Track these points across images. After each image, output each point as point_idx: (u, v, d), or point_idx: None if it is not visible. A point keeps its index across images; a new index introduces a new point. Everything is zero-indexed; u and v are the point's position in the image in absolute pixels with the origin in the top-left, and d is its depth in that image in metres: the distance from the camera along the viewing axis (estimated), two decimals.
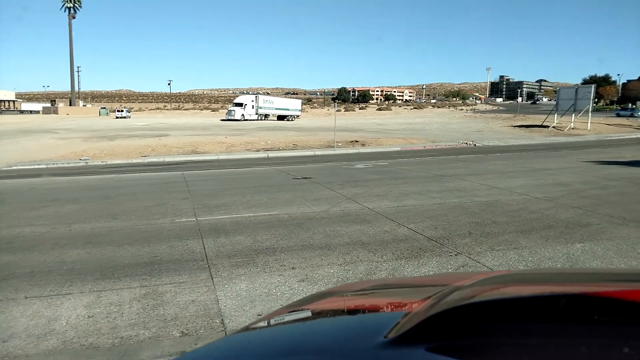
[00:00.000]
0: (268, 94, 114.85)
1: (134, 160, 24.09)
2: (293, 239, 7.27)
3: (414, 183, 12.76)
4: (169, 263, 6.28)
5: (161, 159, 24.33)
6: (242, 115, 59.66)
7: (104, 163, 23.80)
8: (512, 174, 14.30)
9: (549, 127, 41.79)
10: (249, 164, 21.01)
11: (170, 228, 8.17)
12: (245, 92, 75.89)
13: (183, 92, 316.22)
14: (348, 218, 8.65)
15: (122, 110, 71.69)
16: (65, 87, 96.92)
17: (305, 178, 14.28)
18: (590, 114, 40.15)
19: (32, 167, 22.28)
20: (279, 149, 28.34)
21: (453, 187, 12.00)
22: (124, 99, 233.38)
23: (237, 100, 63.36)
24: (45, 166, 23.26)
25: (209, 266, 6.08)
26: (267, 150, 27.89)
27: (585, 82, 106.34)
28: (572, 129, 39.46)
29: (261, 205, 10.01)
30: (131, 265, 6.18)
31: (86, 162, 23.93)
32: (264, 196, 11.06)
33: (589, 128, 39.81)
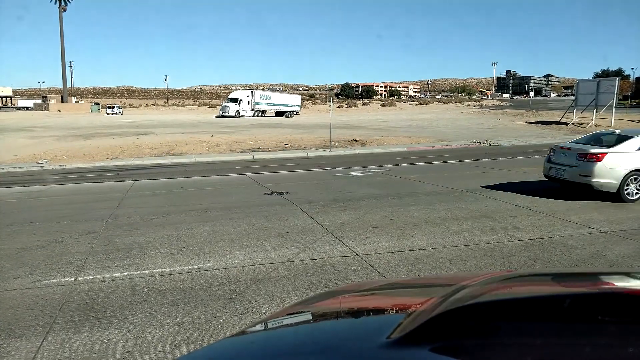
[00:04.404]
0: (274, 89, 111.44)
1: (97, 164, 20.84)
2: (208, 338, 3.94)
3: (425, 203, 9.37)
4: None
5: (128, 162, 21.09)
6: (237, 111, 55.93)
7: (62, 167, 20.57)
8: (551, 188, 10.88)
9: (567, 123, 38.12)
10: (225, 169, 17.67)
11: (16, 303, 4.85)
12: (247, 88, 72.21)
13: (185, 88, 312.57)
14: (320, 279, 5.31)
15: (113, 107, 68.11)
16: (60, 83, 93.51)
17: (281, 193, 10.90)
18: (614, 109, 36.49)
19: None
20: (267, 150, 24.98)
21: (479, 210, 8.62)
22: (125, 95, 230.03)
23: (231, 96, 59.48)
24: None
25: None
26: (254, 151, 24.54)
27: (598, 76, 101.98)
28: (594, 125, 35.84)
29: (195, 246, 6.66)
30: None
31: (42, 167, 20.70)
32: (208, 227, 7.69)
33: (612, 125, 36.12)
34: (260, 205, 9.52)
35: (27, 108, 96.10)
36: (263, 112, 61.14)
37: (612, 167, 9.11)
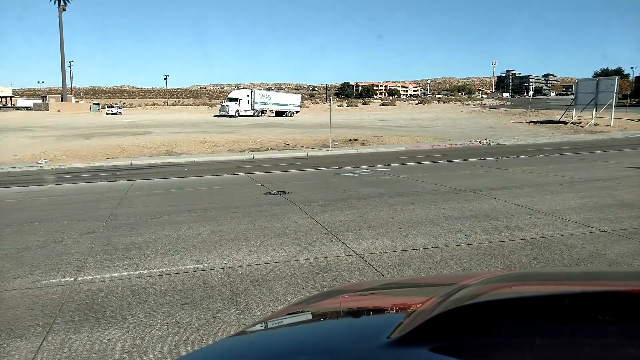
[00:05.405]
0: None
1: (96, 164, 20.85)
2: (208, 338, 3.95)
3: (425, 203, 9.38)
4: None
5: (128, 162, 21.10)
6: (237, 111, 55.92)
7: (62, 167, 20.59)
8: (551, 187, 10.88)
9: (567, 123, 38.08)
10: (225, 169, 17.67)
11: (16, 303, 4.85)
12: (247, 87, 72.44)
13: (185, 87, 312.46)
14: (320, 279, 5.31)
15: (112, 107, 68.09)
16: (60, 83, 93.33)
17: (281, 193, 10.91)
18: (613, 108, 36.48)
19: None
20: (267, 149, 24.99)
21: (479, 210, 8.62)
22: (125, 95, 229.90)
23: (231, 95, 59.46)
24: None
25: None
26: (254, 150, 24.56)
27: (597, 75, 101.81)
28: (594, 125, 35.85)
29: (195, 246, 6.66)
30: None
31: (41, 166, 20.72)
32: (208, 227, 7.70)
33: (612, 124, 36.15)
34: (260, 205, 9.52)
35: (27, 108, 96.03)
36: (263, 111, 61.11)
37: None
